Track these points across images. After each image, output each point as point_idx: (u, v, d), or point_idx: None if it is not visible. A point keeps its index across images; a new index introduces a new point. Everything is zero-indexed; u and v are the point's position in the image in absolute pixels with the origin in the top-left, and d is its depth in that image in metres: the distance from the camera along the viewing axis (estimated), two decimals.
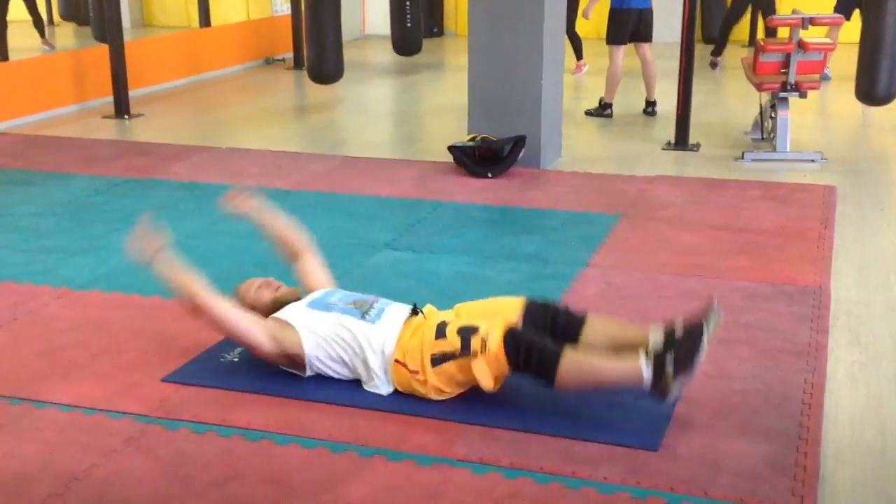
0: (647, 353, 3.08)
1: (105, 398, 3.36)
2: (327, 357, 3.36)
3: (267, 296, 3.59)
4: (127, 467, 2.95)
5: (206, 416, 3.23)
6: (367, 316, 3.37)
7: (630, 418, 3.18)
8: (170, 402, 3.33)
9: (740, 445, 3.04)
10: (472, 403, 3.27)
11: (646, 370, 3.05)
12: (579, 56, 10.37)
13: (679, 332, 3.09)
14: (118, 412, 3.27)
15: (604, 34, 8.44)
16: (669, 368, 3.02)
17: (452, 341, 3.22)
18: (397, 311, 3.42)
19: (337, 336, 3.34)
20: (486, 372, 3.17)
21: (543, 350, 3.13)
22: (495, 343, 3.15)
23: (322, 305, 3.45)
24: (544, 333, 3.24)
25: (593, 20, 9.25)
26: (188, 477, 2.90)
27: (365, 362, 3.33)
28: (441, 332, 3.26)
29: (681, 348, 3.04)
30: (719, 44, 10.95)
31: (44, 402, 3.35)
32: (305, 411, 3.26)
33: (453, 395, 3.29)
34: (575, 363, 3.11)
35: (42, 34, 11.27)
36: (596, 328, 3.32)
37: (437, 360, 3.22)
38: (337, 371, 3.40)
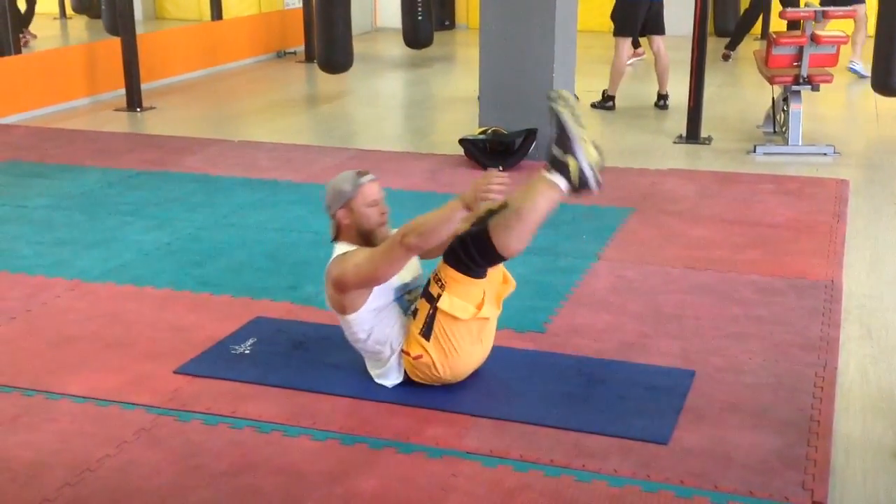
0: (545, 169, 3.14)
1: (117, 389, 3.38)
2: (368, 330, 3.29)
3: (374, 219, 3.35)
4: (139, 458, 2.96)
5: (218, 408, 3.25)
6: (408, 311, 3.35)
7: (640, 412, 3.19)
8: (182, 394, 3.35)
9: (751, 438, 3.04)
10: (482, 396, 3.28)
11: (552, 176, 3.11)
12: (636, 44, 10.23)
13: (552, 132, 3.15)
14: (131, 403, 3.29)
15: (611, 26, 8.42)
16: (560, 155, 3.09)
17: (421, 306, 3.24)
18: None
19: (385, 326, 3.30)
20: (458, 302, 3.17)
21: (471, 235, 3.14)
22: (442, 270, 3.17)
23: (394, 290, 3.34)
24: None
25: (605, 13, 9.21)
26: (200, 468, 2.91)
27: (392, 350, 3.32)
28: (414, 310, 3.28)
29: (558, 138, 3.11)
30: (734, 39, 10.91)
31: (57, 393, 3.37)
32: (316, 403, 3.28)
33: (470, 362, 3.27)
34: (500, 221, 3.11)
35: (26, 26, 11.30)
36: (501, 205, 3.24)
37: (425, 331, 3.23)
38: (361, 342, 3.33)
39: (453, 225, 3.13)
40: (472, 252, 3.14)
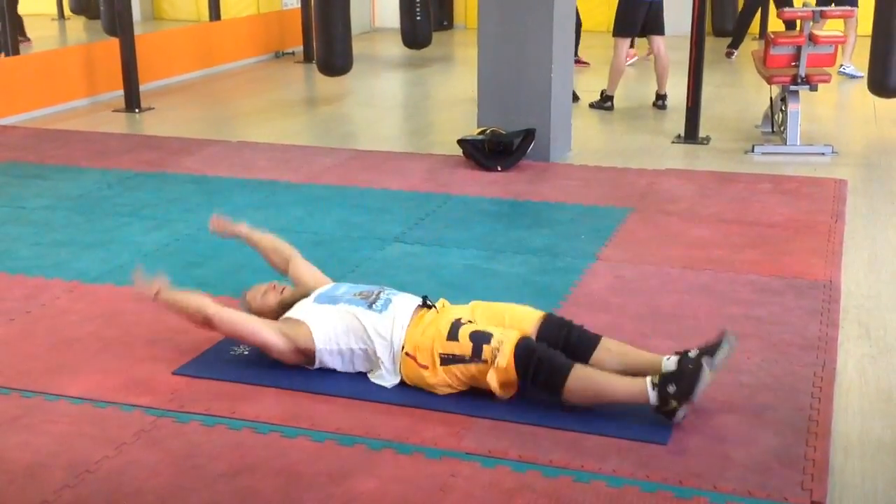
0: (654, 379, 3.09)
1: (116, 391, 3.38)
2: (336, 349, 3.38)
3: (273, 299, 3.63)
4: (138, 459, 2.96)
5: (217, 409, 3.25)
6: (374, 306, 3.39)
7: (639, 412, 3.18)
8: (180, 395, 3.35)
9: (749, 439, 3.04)
10: (481, 397, 3.28)
11: (651, 394, 3.07)
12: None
13: (689, 367, 3.08)
14: (129, 405, 3.29)
15: (611, 26, 8.43)
16: (672, 395, 3.04)
17: (464, 345, 3.23)
18: (405, 301, 3.44)
19: (346, 326, 3.36)
20: (496, 381, 3.19)
21: (553, 364, 3.14)
22: (506, 356, 3.16)
23: (329, 299, 3.48)
24: (556, 349, 3.24)
25: (602, 12, 9.23)
26: (198, 469, 2.91)
27: (373, 352, 3.34)
28: (454, 333, 3.26)
29: (682, 379, 3.04)
30: (736, 37, 10.91)
31: (56, 394, 3.37)
32: (315, 404, 3.28)
33: (457, 391, 3.30)
34: (583, 378, 3.13)
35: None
36: (609, 350, 3.33)
37: (447, 360, 3.24)
38: (344, 363, 3.41)
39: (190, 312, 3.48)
40: (539, 376, 3.14)
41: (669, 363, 3.17)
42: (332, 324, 3.38)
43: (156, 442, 3.06)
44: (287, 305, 3.57)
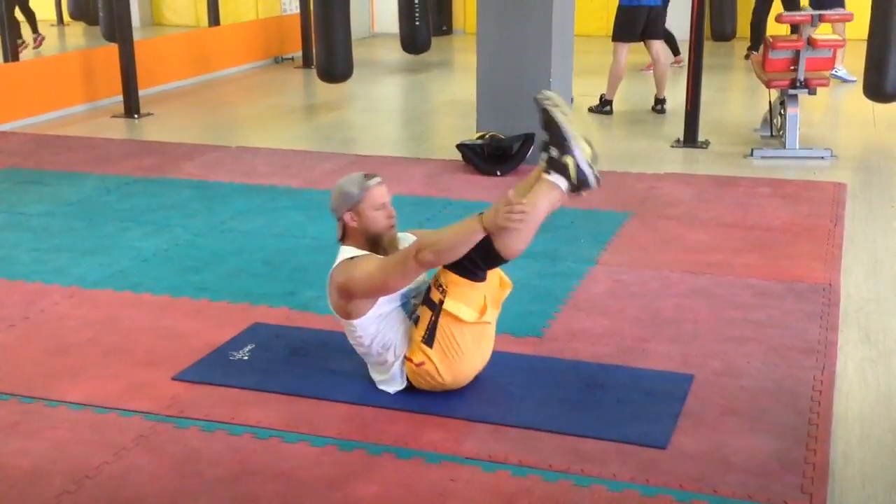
0: (544, 171, 3.19)
1: (116, 396, 3.38)
2: (371, 336, 3.29)
3: (382, 220, 3.32)
4: (138, 465, 2.96)
5: (216, 415, 3.24)
6: (412, 315, 3.34)
7: (639, 416, 3.19)
8: (180, 401, 3.34)
9: (749, 442, 3.04)
10: (480, 401, 3.28)
11: (553, 177, 3.15)
12: (675, 51, 10.22)
13: (545, 135, 3.20)
14: (129, 410, 3.28)
15: (610, 31, 8.43)
16: (557, 155, 3.13)
17: (423, 313, 3.24)
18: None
19: (390, 332, 3.29)
20: (461, 305, 3.17)
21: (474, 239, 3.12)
22: (442, 275, 3.17)
23: (398, 294, 3.32)
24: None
25: (601, 17, 9.23)
26: (198, 474, 2.91)
27: (391, 364, 3.32)
28: (414, 316, 3.28)
29: (553, 140, 3.16)
30: (754, 38, 10.87)
31: (55, 400, 3.37)
32: (314, 409, 3.27)
33: (471, 369, 3.28)
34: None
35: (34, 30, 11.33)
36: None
37: (427, 338, 3.22)
38: (365, 347, 3.32)
39: (470, 245, 3.11)
40: (474, 255, 3.14)
41: (540, 159, 3.23)
42: (383, 321, 3.28)
43: (155, 447, 3.06)
44: (375, 243, 3.32)
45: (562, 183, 3.17)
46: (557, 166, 3.17)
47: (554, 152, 3.17)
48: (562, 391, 3.37)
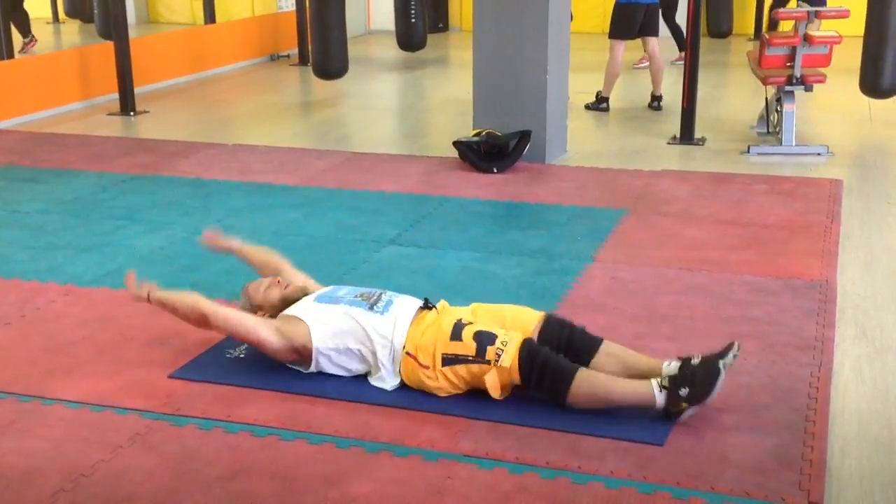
0: (660, 381, 3.11)
1: (112, 394, 3.37)
2: (335, 349, 3.36)
3: (276, 294, 3.60)
4: (134, 463, 2.96)
5: (213, 412, 3.24)
6: (374, 307, 3.38)
7: (636, 413, 3.18)
8: (176, 398, 3.34)
9: (747, 439, 3.04)
10: (478, 399, 3.27)
11: (658, 396, 3.08)
12: (682, 47, 10.18)
13: (696, 365, 3.11)
14: (125, 408, 3.28)
15: (607, 28, 8.43)
16: (684, 398, 3.06)
17: (468, 345, 3.22)
18: (407, 303, 3.43)
19: (345, 326, 3.35)
20: (496, 382, 3.19)
21: (557, 368, 3.14)
22: (510, 357, 3.16)
23: (329, 299, 3.47)
24: (558, 352, 3.24)
25: (598, 14, 9.23)
26: (194, 472, 2.90)
27: (373, 353, 3.33)
28: (457, 333, 3.26)
29: (696, 382, 3.06)
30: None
31: (51, 398, 3.36)
32: (311, 407, 3.27)
33: (459, 393, 3.30)
34: (587, 382, 3.13)
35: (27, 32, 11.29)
36: (609, 353, 3.32)
37: (449, 360, 3.23)
38: (343, 365, 3.40)
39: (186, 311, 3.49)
40: (544, 379, 3.15)
41: (670, 368, 3.17)
42: (331, 323, 3.37)
43: (151, 446, 3.05)
44: (289, 302, 3.56)
45: (659, 403, 3.09)
46: (673, 401, 3.07)
47: (684, 391, 3.06)
48: None
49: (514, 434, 3.08)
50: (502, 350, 3.18)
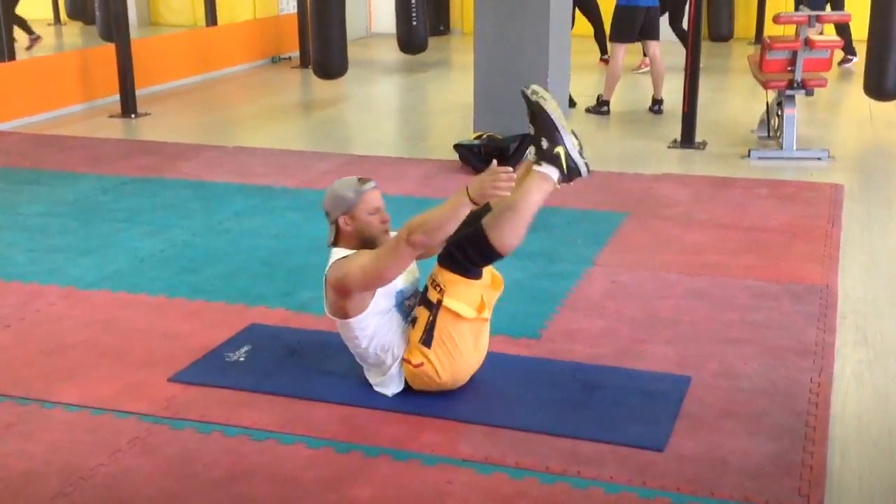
0: (534, 162, 3.20)
1: (111, 398, 3.37)
2: (368, 337, 3.27)
3: (376, 226, 3.32)
4: (133, 466, 2.95)
5: (212, 416, 3.23)
6: (408, 317, 3.33)
7: (636, 418, 3.18)
8: (176, 402, 3.33)
9: (747, 444, 3.03)
10: (477, 403, 3.27)
11: (545, 168, 3.16)
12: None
13: (534, 128, 3.23)
14: (124, 412, 3.27)
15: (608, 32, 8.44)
16: (547, 146, 3.16)
17: (420, 313, 3.23)
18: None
19: (386, 333, 3.28)
20: (457, 303, 3.17)
21: (466, 236, 3.15)
22: (439, 274, 3.17)
23: (396, 294, 3.31)
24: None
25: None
26: (194, 476, 2.90)
27: (388, 366, 3.31)
28: (412, 318, 3.27)
29: (543, 131, 3.18)
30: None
31: (51, 401, 3.36)
32: (311, 411, 3.27)
33: (469, 368, 3.27)
34: (496, 220, 3.14)
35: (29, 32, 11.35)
36: (498, 203, 3.24)
37: (425, 338, 3.21)
38: (362, 349, 3.30)
39: (459, 221, 3.10)
40: (469, 252, 3.15)
41: (529, 152, 3.25)
42: (380, 322, 3.27)
43: (151, 449, 3.05)
44: (368, 247, 3.27)
45: (553, 173, 3.19)
46: (548, 157, 3.19)
47: (544, 143, 3.20)
48: (559, 393, 3.37)
49: (513, 438, 3.08)
50: (432, 280, 3.19)
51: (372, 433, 3.12)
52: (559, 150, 3.18)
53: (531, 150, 3.25)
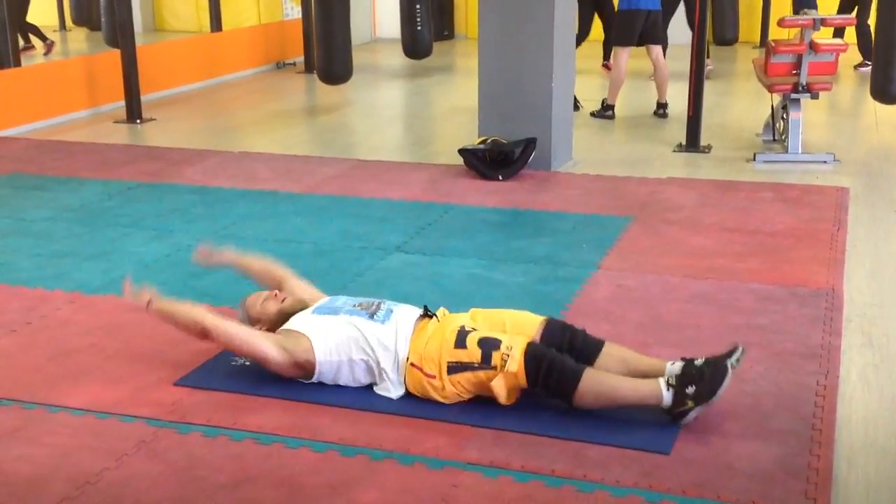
0: (667, 380, 3.12)
1: (117, 402, 3.37)
2: (337, 361, 3.35)
3: (273, 307, 3.57)
4: (139, 471, 2.95)
5: (218, 420, 3.24)
6: (375, 316, 3.37)
7: (642, 421, 3.17)
8: (181, 406, 3.34)
9: (753, 448, 3.03)
10: (483, 407, 3.27)
11: (665, 394, 3.09)
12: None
13: (702, 364, 3.13)
14: (130, 416, 3.28)
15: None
16: (690, 396, 3.07)
17: (472, 352, 3.22)
18: (407, 312, 3.42)
19: (347, 337, 3.34)
20: (503, 387, 3.19)
21: (563, 369, 3.14)
22: (517, 362, 3.16)
23: (328, 310, 3.46)
24: (562, 353, 3.24)
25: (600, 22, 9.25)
26: (200, 480, 2.90)
27: (377, 363, 3.33)
28: (461, 340, 3.26)
29: (703, 380, 3.08)
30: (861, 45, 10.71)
31: (56, 405, 3.36)
32: (317, 415, 3.27)
33: (465, 400, 3.29)
34: (594, 382, 3.13)
35: (43, 38, 11.43)
36: (612, 354, 3.33)
37: (455, 368, 3.23)
38: (345, 375, 3.39)
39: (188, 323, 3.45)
40: (550, 381, 3.15)
41: (674, 367, 3.18)
42: (333, 335, 3.36)
43: (157, 453, 3.05)
44: (286, 315, 3.53)
45: (666, 402, 3.10)
46: (679, 394, 3.09)
47: (691, 389, 3.08)
48: None
49: (519, 442, 3.08)
50: (508, 355, 3.17)
51: (377, 437, 3.12)
52: (691, 403, 3.08)
53: (681, 371, 3.13)
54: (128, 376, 3.57)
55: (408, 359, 3.30)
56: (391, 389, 3.34)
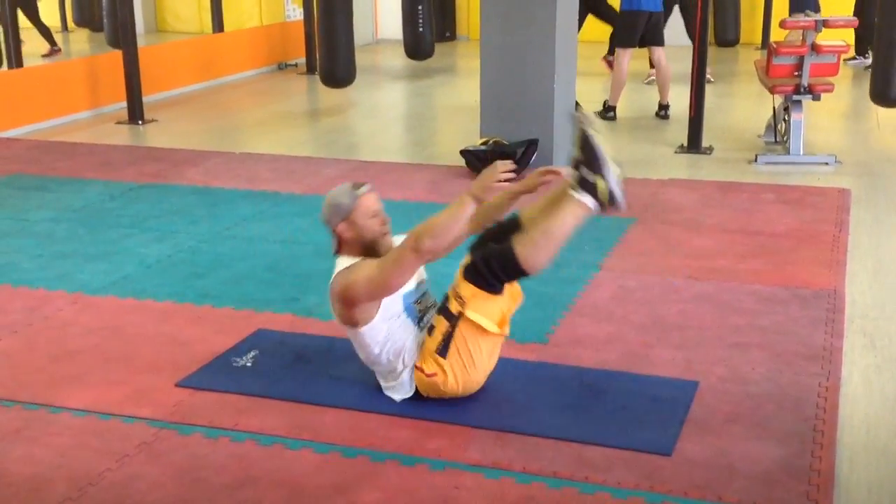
0: (572, 188, 3.18)
1: (119, 403, 3.37)
2: (378, 345, 3.26)
3: (375, 227, 3.31)
4: (140, 472, 2.96)
5: (220, 421, 3.24)
6: (420, 322, 3.33)
7: (643, 423, 3.18)
8: (183, 407, 3.34)
9: (754, 449, 3.03)
10: (484, 408, 3.27)
11: (580, 195, 3.15)
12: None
13: (577, 153, 3.20)
14: (132, 417, 3.28)
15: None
16: (592, 178, 3.14)
17: (438, 322, 3.22)
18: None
19: (399, 335, 3.28)
20: (480, 317, 3.17)
21: (494, 253, 3.16)
22: (461, 286, 3.17)
23: (401, 297, 3.31)
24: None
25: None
26: (201, 481, 2.90)
27: (400, 372, 3.30)
28: (429, 326, 3.26)
29: (586, 159, 3.16)
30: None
31: (58, 406, 3.36)
32: (318, 416, 3.27)
33: (481, 380, 3.27)
34: (526, 242, 3.15)
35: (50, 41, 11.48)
36: (528, 215, 3.34)
37: (441, 349, 3.21)
38: (374, 356, 3.29)
39: (464, 222, 3.14)
40: (495, 268, 3.15)
41: (568, 172, 3.22)
42: (389, 331, 3.26)
43: (158, 454, 3.06)
44: (370, 249, 3.29)
45: (589, 202, 3.17)
46: (587, 185, 3.17)
47: (585, 171, 3.18)
48: (566, 398, 3.37)
49: (520, 443, 3.08)
50: (454, 292, 3.18)
51: (379, 438, 3.12)
52: (599, 180, 3.17)
53: (573, 175, 3.21)
54: (130, 377, 3.57)
55: (414, 361, 3.28)
56: (399, 392, 3.33)
